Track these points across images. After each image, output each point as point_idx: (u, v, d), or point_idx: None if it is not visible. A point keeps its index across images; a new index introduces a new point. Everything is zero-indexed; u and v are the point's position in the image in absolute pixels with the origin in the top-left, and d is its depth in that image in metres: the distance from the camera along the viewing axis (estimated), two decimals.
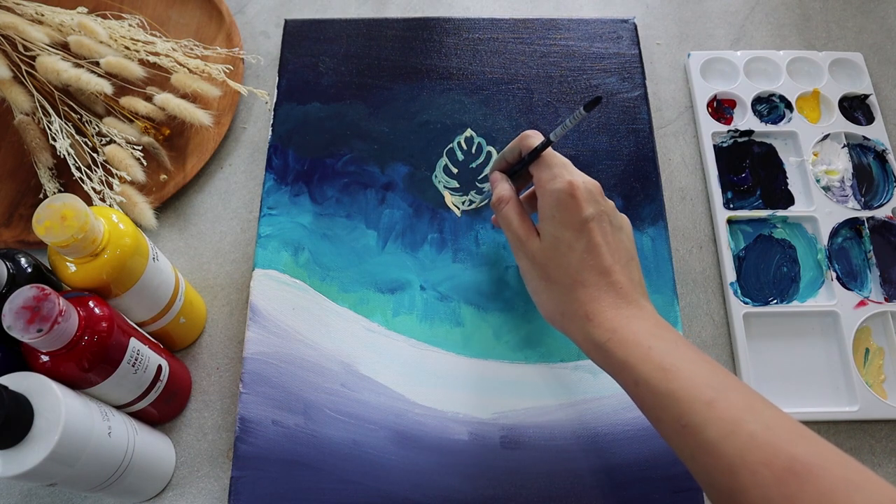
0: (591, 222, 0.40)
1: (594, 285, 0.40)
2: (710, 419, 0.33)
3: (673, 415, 0.35)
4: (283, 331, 0.50)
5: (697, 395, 0.34)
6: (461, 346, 0.50)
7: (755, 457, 0.31)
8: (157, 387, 0.44)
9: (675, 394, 0.35)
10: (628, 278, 0.41)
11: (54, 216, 0.37)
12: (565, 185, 0.41)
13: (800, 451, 0.31)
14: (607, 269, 0.40)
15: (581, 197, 0.41)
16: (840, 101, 0.61)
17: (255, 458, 0.46)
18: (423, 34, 0.63)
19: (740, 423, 0.32)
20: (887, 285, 0.53)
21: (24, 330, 0.34)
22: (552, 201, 0.41)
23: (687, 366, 0.36)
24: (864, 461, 0.48)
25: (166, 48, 0.59)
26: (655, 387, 0.36)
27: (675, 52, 0.65)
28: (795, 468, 0.30)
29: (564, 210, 0.41)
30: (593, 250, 0.40)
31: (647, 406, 0.37)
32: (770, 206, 0.57)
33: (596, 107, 0.39)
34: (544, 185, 0.42)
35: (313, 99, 0.60)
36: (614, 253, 0.41)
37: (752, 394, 0.35)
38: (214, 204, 0.58)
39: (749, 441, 0.32)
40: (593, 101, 0.39)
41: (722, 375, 0.36)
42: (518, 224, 0.44)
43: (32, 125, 0.56)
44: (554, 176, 0.42)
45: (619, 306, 0.40)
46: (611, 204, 0.43)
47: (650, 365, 0.36)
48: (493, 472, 0.46)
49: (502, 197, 0.45)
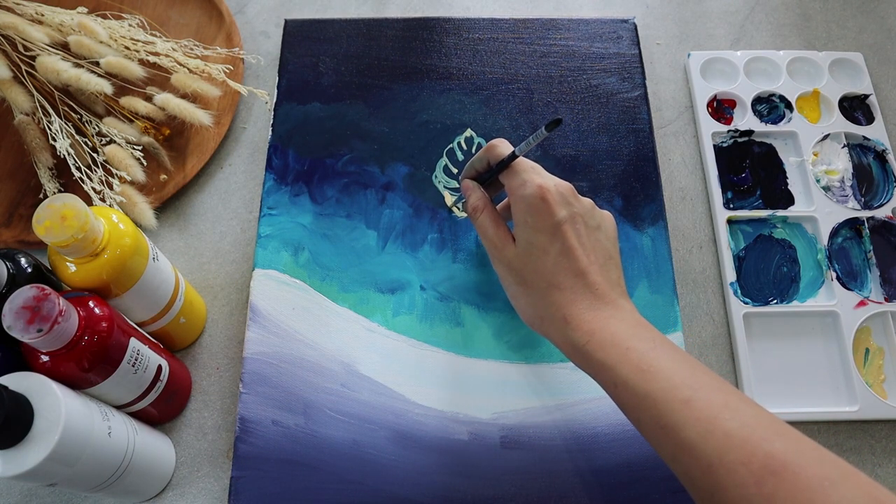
0: (564, 224, 0.40)
1: (570, 288, 0.40)
2: (687, 419, 0.33)
3: (652, 416, 0.35)
4: (283, 331, 0.50)
5: (675, 395, 0.34)
6: (461, 346, 0.50)
7: (733, 456, 0.31)
8: (157, 387, 0.44)
9: (652, 395, 0.35)
10: (605, 278, 0.41)
11: (54, 216, 0.37)
12: (535, 189, 0.41)
13: (777, 448, 0.31)
14: (583, 270, 0.40)
15: (552, 200, 0.40)
16: (840, 101, 0.61)
17: (255, 458, 0.46)
18: (423, 34, 0.63)
19: (717, 422, 0.32)
20: (887, 285, 0.53)
21: (24, 330, 0.34)
22: (524, 207, 0.41)
23: (665, 365, 0.36)
24: (864, 461, 0.49)
25: (166, 48, 0.59)
26: (634, 388, 0.35)
27: (675, 52, 0.65)
28: (772, 466, 0.30)
29: (537, 214, 0.41)
30: (568, 253, 0.40)
31: (627, 408, 0.37)
32: (770, 206, 0.57)
33: (556, 128, 0.40)
34: (515, 192, 0.42)
35: (313, 99, 0.60)
36: (590, 254, 0.41)
37: (731, 391, 0.35)
38: (214, 204, 0.58)
39: (725, 440, 0.32)
40: (553, 122, 0.39)
41: (700, 374, 0.35)
42: (493, 232, 0.44)
43: (32, 125, 0.56)
44: (524, 182, 0.41)
45: (597, 307, 0.39)
46: (587, 203, 0.43)
47: (628, 366, 0.36)
48: (493, 472, 0.46)
49: (476, 206, 0.45)
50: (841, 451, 0.49)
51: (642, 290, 0.52)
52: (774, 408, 0.49)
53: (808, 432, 0.49)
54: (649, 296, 0.52)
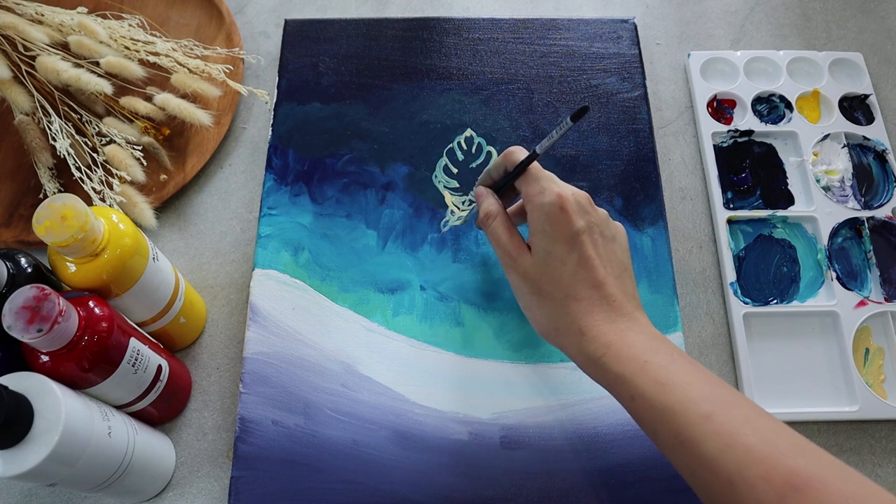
0: (582, 235, 0.40)
1: (587, 299, 0.39)
2: (707, 433, 0.33)
3: (671, 430, 0.34)
4: (283, 331, 0.50)
5: (694, 409, 0.34)
6: (461, 346, 0.50)
7: (754, 471, 0.31)
8: (157, 387, 0.44)
9: (671, 408, 0.34)
10: (622, 290, 0.40)
11: (54, 216, 0.37)
12: (555, 197, 0.40)
13: (798, 464, 0.31)
14: (600, 281, 0.40)
15: (571, 209, 0.40)
16: (840, 101, 0.61)
17: (255, 458, 0.46)
18: (423, 34, 0.63)
19: (738, 437, 0.32)
20: (887, 285, 0.53)
21: (24, 330, 0.34)
22: (542, 215, 0.41)
23: (684, 379, 0.35)
24: (864, 461, 0.49)
25: (166, 48, 0.59)
26: (652, 401, 0.35)
27: (675, 52, 0.65)
28: (794, 482, 0.30)
29: (555, 223, 0.40)
30: (585, 263, 0.40)
31: (644, 421, 0.36)
32: (770, 206, 0.57)
33: (583, 117, 0.38)
34: (533, 199, 0.41)
35: (313, 99, 0.60)
36: (607, 265, 0.40)
37: (751, 406, 0.34)
38: (214, 204, 0.58)
39: (746, 455, 0.31)
40: (580, 110, 0.38)
41: (719, 388, 0.35)
42: (507, 239, 0.43)
43: (32, 125, 0.56)
44: (542, 189, 0.41)
45: (614, 320, 0.39)
46: (602, 214, 0.42)
47: (646, 379, 0.36)
48: (493, 472, 0.46)
49: (489, 212, 0.44)
50: (841, 451, 0.49)
51: (642, 290, 0.52)
52: (774, 408, 0.49)
53: (808, 432, 0.49)
54: (649, 296, 0.52)
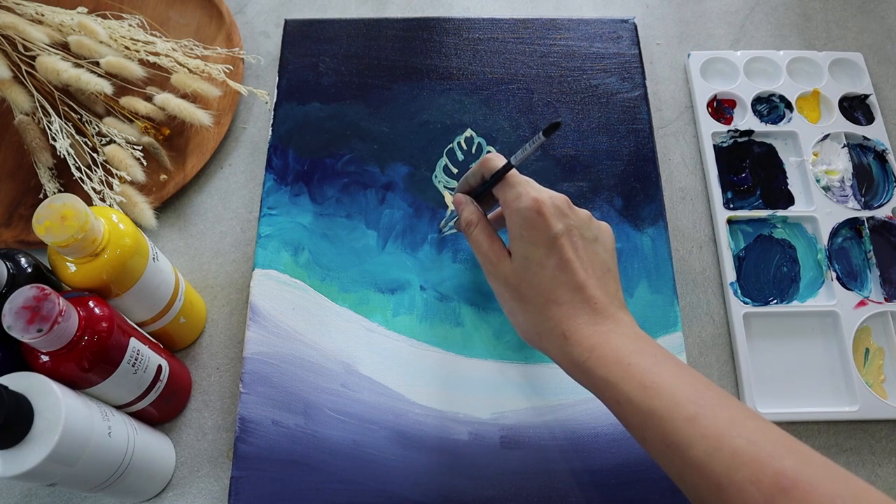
0: (560, 238, 0.40)
1: (568, 303, 0.39)
2: (693, 437, 0.33)
3: (657, 434, 0.34)
4: (283, 331, 0.50)
5: (679, 412, 0.33)
6: (461, 346, 0.50)
7: (741, 475, 0.31)
8: (157, 387, 0.44)
9: (657, 412, 0.34)
10: (604, 292, 0.40)
11: (54, 216, 0.37)
12: (531, 202, 0.40)
13: (785, 465, 0.31)
14: (581, 284, 0.39)
15: (548, 213, 0.40)
16: (840, 101, 0.61)
17: (255, 458, 0.46)
18: (423, 34, 0.63)
19: (724, 440, 0.32)
20: (887, 285, 0.53)
21: (24, 330, 0.34)
22: (520, 220, 0.40)
23: (669, 381, 0.35)
24: (863, 461, 0.49)
25: (166, 48, 0.59)
26: (638, 406, 0.35)
27: (675, 52, 0.65)
28: (782, 484, 0.30)
29: (532, 228, 0.40)
30: (565, 266, 0.39)
31: (631, 425, 0.36)
32: (770, 206, 0.57)
33: (555, 132, 0.38)
34: (510, 205, 0.41)
35: (313, 99, 0.60)
36: (587, 267, 0.40)
37: (737, 406, 0.34)
38: (214, 204, 0.58)
39: (733, 458, 0.31)
40: (552, 126, 0.38)
41: (704, 389, 0.35)
42: (488, 246, 0.43)
43: (32, 125, 0.56)
44: (519, 195, 0.41)
45: (597, 322, 0.39)
46: (583, 215, 0.42)
47: (631, 383, 0.35)
48: (493, 472, 0.46)
49: (470, 220, 0.44)
50: (841, 451, 0.49)
51: (642, 290, 0.52)
52: (774, 408, 0.49)
53: (808, 432, 0.49)
54: (649, 296, 0.52)
